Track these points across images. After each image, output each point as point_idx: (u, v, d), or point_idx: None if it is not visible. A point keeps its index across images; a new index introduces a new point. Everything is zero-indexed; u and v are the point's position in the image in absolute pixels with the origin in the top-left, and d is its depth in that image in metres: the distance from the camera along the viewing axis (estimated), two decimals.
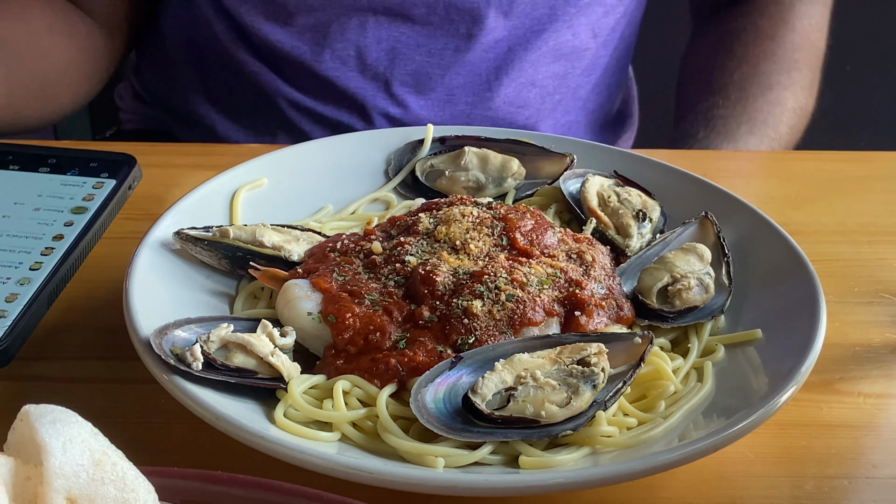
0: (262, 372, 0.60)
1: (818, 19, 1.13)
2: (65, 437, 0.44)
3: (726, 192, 0.75)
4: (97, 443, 0.45)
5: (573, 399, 0.58)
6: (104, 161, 0.82)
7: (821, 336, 0.62)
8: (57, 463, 0.43)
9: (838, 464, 0.62)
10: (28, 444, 0.44)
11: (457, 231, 0.67)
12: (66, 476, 0.43)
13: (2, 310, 0.67)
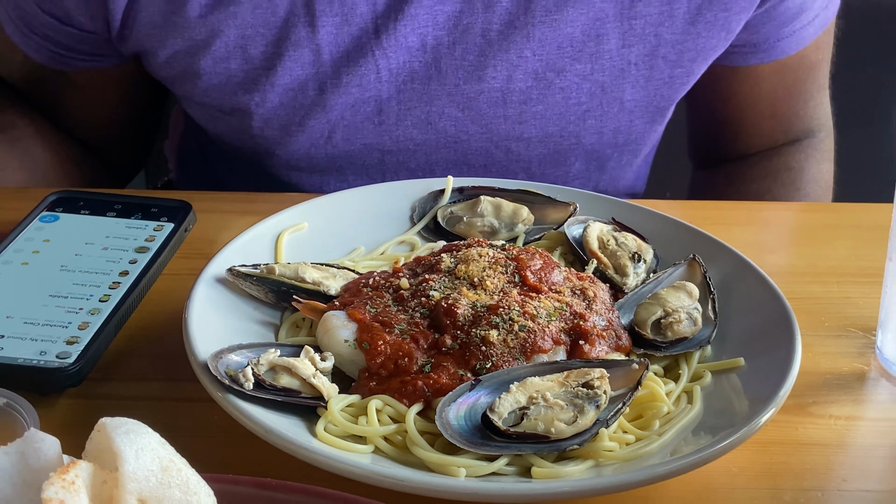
0: (304, 392, 0.61)
1: (827, 179, 1.09)
2: (137, 446, 0.45)
3: (711, 237, 0.76)
4: (164, 451, 0.46)
5: (579, 418, 0.58)
6: (163, 207, 0.83)
7: (796, 364, 0.63)
8: (130, 468, 0.44)
9: (812, 478, 0.62)
10: (105, 451, 0.45)
11: (474, 269, 0.68)
12: (138, 480, 0.44)
13: (75, 336, 0.67)
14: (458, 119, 0.95)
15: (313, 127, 0.93)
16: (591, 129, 0.96)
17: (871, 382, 0.71)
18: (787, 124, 1.08)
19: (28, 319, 0.69)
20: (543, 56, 0.92)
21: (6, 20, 0.97)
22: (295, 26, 0.89)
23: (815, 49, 1.03)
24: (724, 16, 0.92)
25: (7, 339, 0.67)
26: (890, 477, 0.63)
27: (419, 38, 0.90)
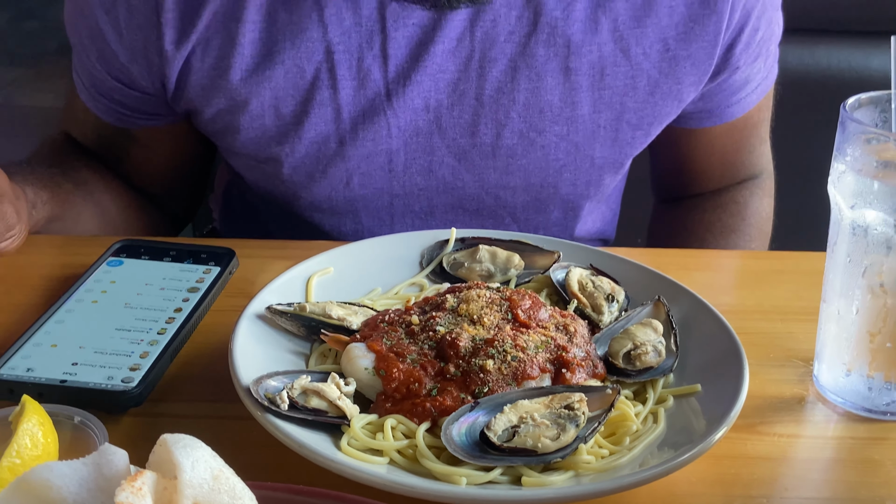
0: (331, 412, 0.61)
1: (768, 211, 1.10)
2: (193, 458, 0.45)
3: (673, 280, 0.76)
4: (215, 462, 0.47)
5: (561, 435, 0.59)
6: (211, 253, 0.84)
7: (745, 390, 0.63)
8: (187, 477, 0.45)
9: (759, 487, 0.62)
10: (165, 462, 0.45)
11: (474, 308, 0.68)
12: (194, 486, 0.45)
13: (137, 364, 0.68)
14: (454, 168, 0.95)
15: (334, 174, 0.94)
16: (566, 181, 0.97)
17: (809, 405, 0.71)
18: (734, 171, 1.09)
19: (98, 349, 0.70)
20: (527, 118, 0.92)
21: (81, 88, 0.99)
22: (319, 89, 0.90)
23: (757, 110, 1.04)
24: (676, 88, 0.93)
25: (80, 366, 0.68)
26: (825, 486, 0.64)
27: (423, 100, 0.91)
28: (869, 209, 0.65)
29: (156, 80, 0.92)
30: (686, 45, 0.91)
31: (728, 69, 0.95)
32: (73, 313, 0.74)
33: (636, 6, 0.89)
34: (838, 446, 0.67)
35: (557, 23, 0.88)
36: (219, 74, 0.89)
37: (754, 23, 0.93)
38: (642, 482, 0.56)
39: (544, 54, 0.89)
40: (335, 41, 0.88)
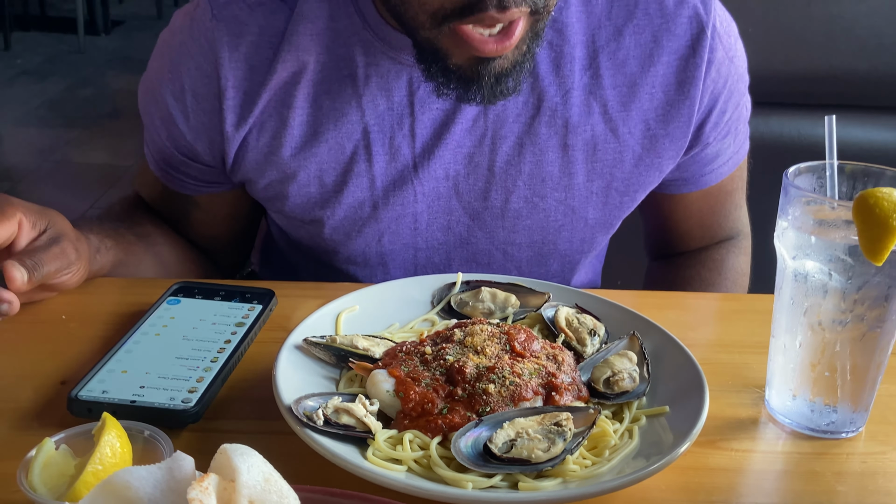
0: (358, 427, 0.64)
1: (744, 267, 1.11)
2: (248, 463, 0.49)
3: (646, 318, 0.79)
4: (266, 467, 0.50)
5: (551, 447, 0.61)
6: (255, 293, 0.87)
7: (706, 411, 0.66)
8: (244, 479, 0.48)
9: (719, 494, 0.65)
10: (225, 467, 0.49)
11: (478, 340, 0.71)
12: (249, 487, 0.48)
13: (194, 387, 0.71)
14: (469, 227, 0.98)
15: (368, 233, 0.97)
16: (564, 239, 1.00)
17: (761, 425, 0.73)
18: (712, 232, 1.12)
19: (161, 375, 0.73)
20: (531, 186, 0.96)
21: (151, 160, 1.02)
22: (357, 162, 0.93)
23: (730, 180, 1.06)
24: (657, 161, 0.96)
25: (147, 389, 0.71)
26: (774, 494, 0.66)
27: (444, 170, 0.94)
28: (808, 260, 0.69)
29: (216, 155, 0.96)
30: (664, 126, 0.95)
31: (699, 144, 0.99)
32: (139, 344, 0.78)
33: (623, 93, 0.93)
34: (786, 460, 0.70)
35: (557, 107, 0.93)
36: (271, 151, 0.93)
37: (721, 106, 0.97)
38: (620, 487, 0.59)
39: (546, 133, 0.93)
40: (371, 123, 0.92)
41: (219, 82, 0.91)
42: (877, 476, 0.68)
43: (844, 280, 0.67)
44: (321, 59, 0.91)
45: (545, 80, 0.92)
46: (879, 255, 0.63)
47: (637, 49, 0.93)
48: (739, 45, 0.99)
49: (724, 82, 0.96)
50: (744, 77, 1.01)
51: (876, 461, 0.70)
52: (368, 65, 0.91)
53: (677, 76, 0.94)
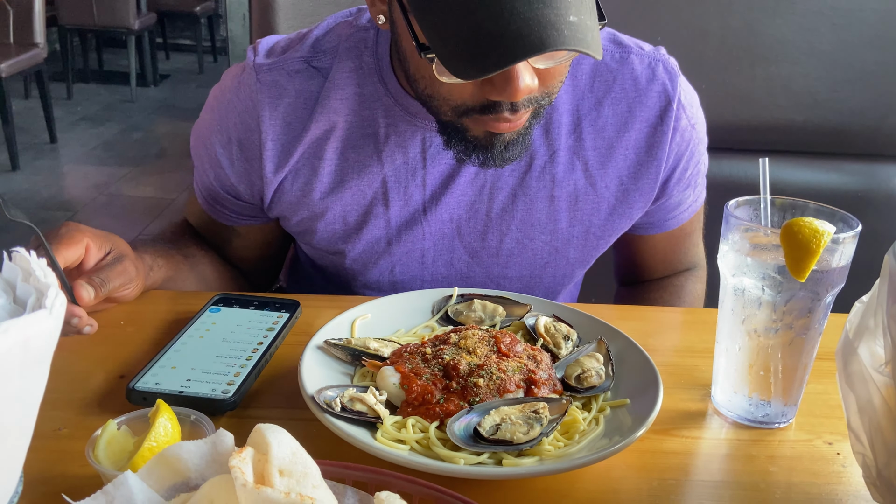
0: (369, 413, 0.66)
1: (699, 293, 1.13)
2: (279, 439, 0.50)
3: (613, 327, 0.81)
4: (293, 443, 0.51)
5: (530, 431, 0.63)
6: (283, 304, 0.89)
7: (660, 402, 0.68)
8: (275, 452, 0.50)
9: (671, 472, 0.67)
10: (259, 442, 0.50)
11: (470, 343, 0.73)
12: (279, 459, 0.49)
13: (232, 380, 0.73)
14: (468, 263, 1.00)
15: (382, 265, 0.99)
16: (548, 274, 1.01)
17: (708, 417, 0.75)
18: (674, 265, 1.13)
19: (204, 370, 0.75)
20: (522, 230, 0.98)
21: (199, 194, 1.04)
22: (376, 206, 0.96)
23: (690, 223, 1.08)
24: (628, 210, 0.99)
25: (193, 382, 0.73)
26: (718, 473, 0.68)
27: (449, 215, 0.97)
28: (745, 277, 0.72)
29: (256, 195, 0.98)
30: (635, 181, 0.97)
31: (664, 196, 1.01)
32: (186, 345, 0.80)
33: (601, 154, 0.96)
34: (728, 445, 0.71)
35: (546, 164, 0.96)
36: (304, 195, 0.96)
37: (684, 164, 1.00)
38: (587, 464, 0.61)
39: (536, 186, 0.96)
40: (389, 174, 0.95)
41: (260, 136, 0.94)
42: (803, 459, 0.70)
43: (775, 294, 0.70)
44: (349, 119, 0.94)
45: (536, 142, 0.95)
46: (802, 274, 0.66)
47: (614, 117, 0.96)
48: (700, 113, 1.02)
49: (686, 145, 0.99)
50: (703, 139, 1.04)
51: (804, 447, 0.72)
52: (388, 126, 0.93)
53: (647, 140, 0.96)
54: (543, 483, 0.64)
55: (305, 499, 0.47)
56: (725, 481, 0.67)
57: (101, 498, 0.49)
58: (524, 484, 0.64)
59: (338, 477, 0.56)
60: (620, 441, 0.63)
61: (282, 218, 1.00)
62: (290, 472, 0.51)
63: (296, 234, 1.03)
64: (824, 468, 0.69)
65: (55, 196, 3.82)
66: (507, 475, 0.60)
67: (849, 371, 0.55)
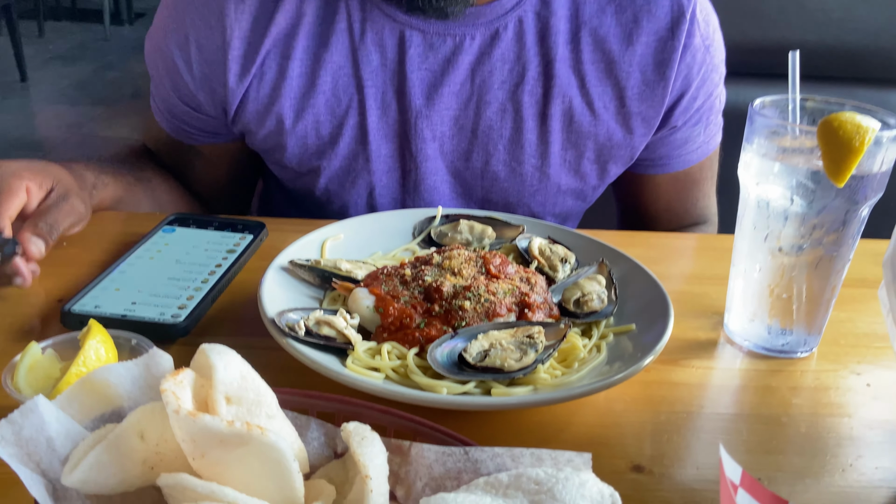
0: (339, 339, 0.59)
1: None
2: (225, 361, 0.43)
3: (615, 248, 0.74)
4: (243, 366, 0.44)
5: (523, 357, 0.57)
6: (246, 224, 0.81)
7: (669, 329, 0.61)
8: (220, 376, 0.43)
9: (681, 405, 0.61)
10: (203, 366, 0.43)
11: (455, 263, 0.66)
12: (226, 384, 0.43)
13: (184, 304, 0.66)
14: (451, 184, 0.93)
15: (360, 185, 0.92)
16: (537, 202, 0.95)
17: (720, 346, 0.69)
18: (679, 217, 1.06)
19: (153, 293, 0.68)
20: (511, 151, 0.90)
21: (156, 110, 0.96)
22: (351, 115, 0.88)
23: (699, 169, 1.01)
24: (628, 139, 0.91)
25: (138, 305, 0.66)
26: (732, 405, 0.62)
27: (431, 132, 0.89)
28: (771, 186, 0.64)
29: (217, 106, 0.90)
30: (638, 104, 0.89)
31: (668, 126, 0.93)
32: (133, 266, 0.72)
33: (601, 69, 0.88)
34: (743, 376, 0.66)
35: (539, 77, 0.87)
36: (271, 101, 0.87)
37: (693, 92, 0.91)
38: (586, 394, 0.55)
39: (528, 101, 0.88)
40: (366, 77, 0.87)
41: (224, 34, 0.85)
42: (829, 391, 0.64)
43: (805, 205, 0.62)
44: (319, 11, 0.85)
45: (531, 50, 0.87)
46: (842, 177, 0.57)
47: (617, 28, 0.87)
48: (718, 36, 0.93)
49: (698, 69, 0.90)
50: (719, 68, 0.94)
51: (828, 377, 0.65)
52: (363, 21, 0.85)
53: (654, 57, 0.88)
54: (538, 415, 0.58)
55: (253, 428, 0.39)
56: (742, 414, 0.61)
57: (7, 428, 0.41)
58: (516, 416, 0.58)
59: (300, 407, 0.49)
60: (625, 370, 0.57)
61: (248, 133, 0.92)
62: (240, 399, 0.44)
63: (264, 153, 0.94)
64: (853, 400, 0.62)
65: (26, 136, 3.70)
66: (497, 406, 0.54)
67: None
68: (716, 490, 0.52)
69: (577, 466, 0.43)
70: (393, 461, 0.45)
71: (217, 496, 0.37)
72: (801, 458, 0.55)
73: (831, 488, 0.53)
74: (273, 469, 0.39)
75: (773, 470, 0.54)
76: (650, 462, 0.54)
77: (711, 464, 0.54)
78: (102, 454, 0.40)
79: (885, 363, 0.67)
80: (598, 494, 0.40)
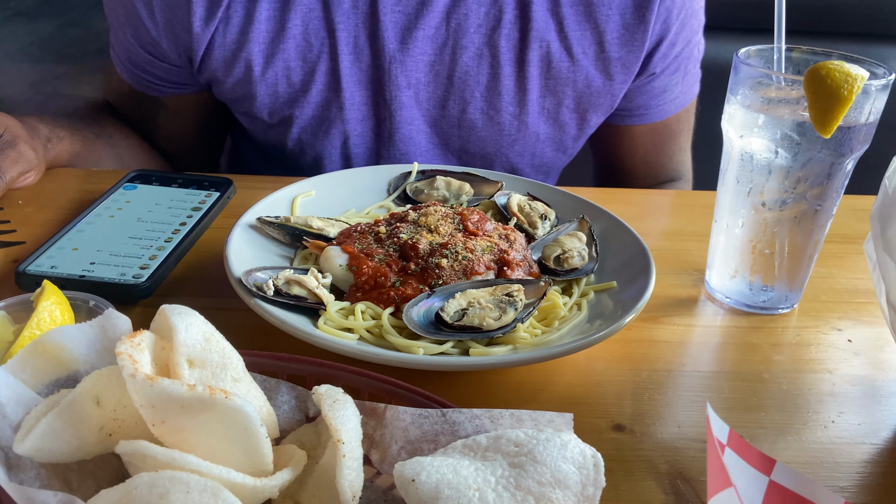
0: (310, 298, 0.57)
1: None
2: (187, 322, 0.41)
3: (595, 204, 0.72)
4: (207, 327, 0.42)
5: (503, 316, 0.55)
6: (213, 181, 0.78)
7: (650, 288, 0.60)
8: (181, 337, 0.40)
9: (662, 363, 0.59)
10: (164, 328, 0.41)
11: (432, 220, 0.64)
12: (188, 346, 0.41)
13: (146, 264, 0.63)
14: (427, 134, 0.90)
15: (334, 135, 0.89)
16: (516, 152, 0.92)
17: (700, 303, 0.68)
18: (656, 171, 1.04)
19: (113, 252, 0.64)
20: (488, 99, 0.88)
21: (117, 62, 0.92)
22: (324, 61, 0.85)
23: (676, 121, 0.99)
24: (608, 86, 0.89)
25: (97, 265, 0.62)
26: (714, 363, 0.61)
27: (406, 79, 0.86)
28: (755, 138, 0.62)
29: (182, 53, 0.85)
30: (618, 48, 0.87)
31: (647, 73, 0.91)
32: (92, 225, 0.69)
33: (580, 12, 0.85)
34: (724, 333, 0.65)
35: (516, 20, 0.85)
36: (239, 48, 0.83)
37: (672, 38, 0.89)
38: (567, 352, 0.53)
39: (505, 46, 0.86)
40: (338, 21, 0.83)
41: None
42: (810, 347, 0.63)
43: (790, 157, 0.60)
44: None
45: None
46: (829, 127, 0.55)
47: None
48: None
49: (677, 13, 0.88)
50: (698, 14, 0.92)
51: (811, 334, 0.65)
52: None
53: (633, 0, 0.85)
54: (517, 375, 0.56)
55: (217, 392, 0.37)
56: (724, 371, 0.60)
57: None
58: (495, 376, 0.56)
59: (269, 370, 0.47)
60: (606, 328, 0.55)
61: (214, 82, 0.88)
62: (204, 362, 0.42)
63: (233, 103, 0.91)
64: (835, 356, 0.62)
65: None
66: (475, 366, 0.52)
67: (888, 236, 0.46)
68: (698, 448, 0.51)
69: (559, 427, 0.41)
70: (367, 424, 0.44)
71: (178, 463, 0.35)
72: (782, 415, 0.54)
73: (813, 444, 0.52)
74: (239, 434, 0.37)
75: (754, 427, 0.53)
76: (631, 421, 0.53)
77: (693, 422, 0.53)
78: (55, 421, 0.38)
79: (866, 319, 0.67)
80: (580, 455, 0.39)
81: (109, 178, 0.80)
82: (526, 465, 0.37)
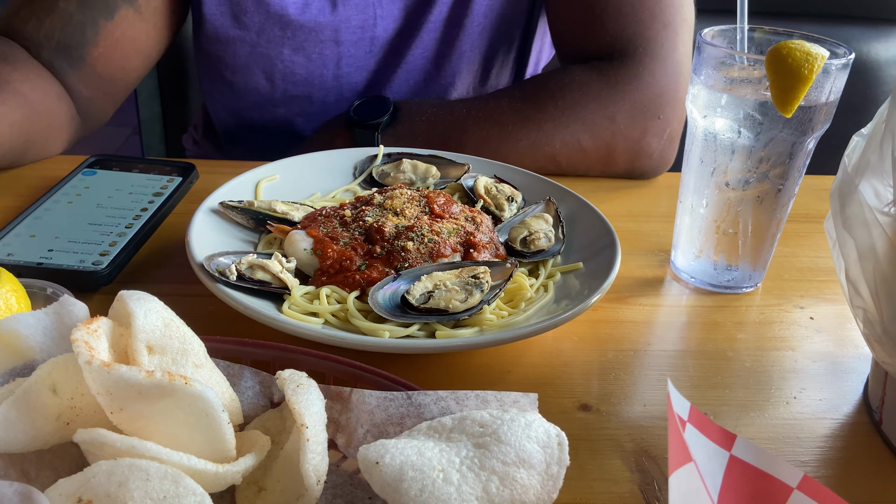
0: (274, 283, 0.56)
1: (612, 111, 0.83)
2: (146, 308, 0.41)
3: (562, 186, 0.72)
4: (167, 312, 0.42)
5: (469, 298, 0.55)
6: (175, 166, 0.77)
7: (616, 269, 0.60)
8: (140, 323, 0.40)
9: (628, 343, 0.60)
10: (122, 315, 0.41)
11: (398, 203, 0.63)
12: (147, 332, 0.40)
13: (107, 250, 0.62)
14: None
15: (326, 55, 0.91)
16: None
17: (666, 283, 0.69)
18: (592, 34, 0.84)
19: (71, 239, 0.63)
20: None
21: None
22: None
23: None
24: None
25: (56, 252, 0.61)
26: (680, 342, 0.62)
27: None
28: (718, 118, 0.62)
29: None
30: None
31: None
32: (50, 211, 0.67)
33: None
34: (690, 312, 0.65)
35: None
36: None
37: None
38: (534, 333, 0.53)
39: None
40: None
41: None
42: (773, 325, 0.64)
43: (752, 137, 0.61)
44: None
45: None
46: (790, 107, 0.56)
47: None
48: None
49: None
50: None
51: (774, 312, 0.66)
52: None
53: None
54: (484, 357, 0.56)
55: (176, 378, 0.36)
56: (689, 350, 0.60)
57: None
58: (461, 358, 0.56)
59: (232, 356, 0.47)
60: (572, 308, 0.55)
61: None
62: (164, 348, 0.42)
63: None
64: (798, 333, 0.63)
65: None
66: (441, 348, 0.51)
67: (847, 214, 0.47)
68: (663, 426, 0.51)
69: (524, 407, 0.42)
70: (333, 408, 0.43)
71: (138, 451, 0.35)
72: (746, 392, 0.55)
73: (776, 420, 0.53)
74: (200, 421, 0.37)
75: (718, 404, 0.54)
76: (597, 400, 0.53)
77: (658, 400, 0.54)
78: (10, 410, 0.37)
79: (828, 296, 0.68)
80: (545, 435, 0.39)
81: (67, 164, 0.78)
82: (490, 446, 0.37)
